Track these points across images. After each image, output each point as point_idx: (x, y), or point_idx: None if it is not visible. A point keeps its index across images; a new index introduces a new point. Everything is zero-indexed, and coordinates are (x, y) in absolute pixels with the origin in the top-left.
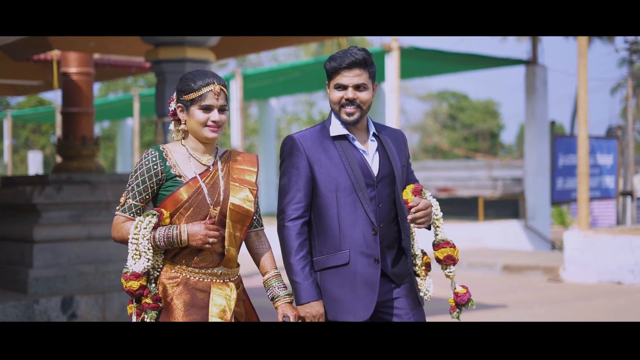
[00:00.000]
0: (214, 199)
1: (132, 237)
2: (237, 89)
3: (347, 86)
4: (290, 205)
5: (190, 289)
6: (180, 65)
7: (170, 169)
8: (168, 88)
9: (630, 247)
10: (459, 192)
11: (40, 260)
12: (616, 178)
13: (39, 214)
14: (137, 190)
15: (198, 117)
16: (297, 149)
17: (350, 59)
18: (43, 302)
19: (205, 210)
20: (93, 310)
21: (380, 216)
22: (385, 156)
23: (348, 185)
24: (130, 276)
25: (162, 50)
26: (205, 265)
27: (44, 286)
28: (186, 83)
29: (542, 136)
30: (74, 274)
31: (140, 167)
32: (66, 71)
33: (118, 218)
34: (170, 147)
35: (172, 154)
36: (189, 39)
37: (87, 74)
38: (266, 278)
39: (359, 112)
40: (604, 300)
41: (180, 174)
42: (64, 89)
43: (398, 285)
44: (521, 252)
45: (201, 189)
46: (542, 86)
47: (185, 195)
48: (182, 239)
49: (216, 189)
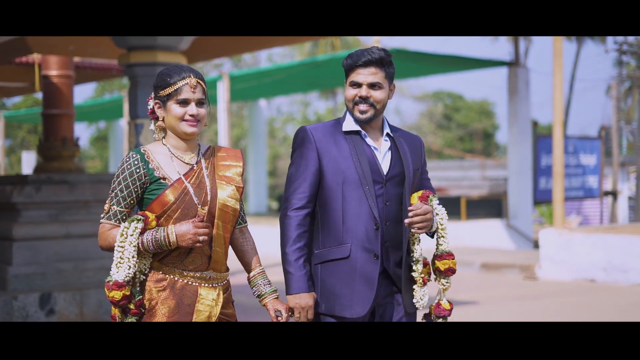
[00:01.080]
0: (201, 199)
1: (118, 244)
2: (224, 90)
3: (362, 84)
4: (295, 194)
5: (177, 294)
6: (151, 68)
7: (154, 171)
8: (140, 91)
9: (603, 246)
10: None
11: (20, 258)
12: (599, 178)
13: (19, 213)
14: (121, 196)
15: (175, 111)
16: (308, 139)
17: (366, 57)
18: (21, 299)
19: (194, 211)
20: (70, 307)
21: (386, 214)
22: (397, 156)
23: (355, 179)
24: (112, 286)
25: (134, 54)
26: (194, 268)
27: (23, 283)
28: (162, 78)
29: (525, 137)
30: (53, 271)
31: (122, 172)
32: (47, 74)
33: (104, 226)
34: (151, 148)
35: (154, 155)
36: (160, 43)
37: (67, 76)
38: (251, 275)
39: (373, 110)
40: (575, 298)
41: (164, 175)
42: (45, 91)
43: (399, 290)
44: (501, 251)
45: (187, 189)
46: (525, 87)
47: (171, 198)
48: (171, 241)
49: (202, 188)
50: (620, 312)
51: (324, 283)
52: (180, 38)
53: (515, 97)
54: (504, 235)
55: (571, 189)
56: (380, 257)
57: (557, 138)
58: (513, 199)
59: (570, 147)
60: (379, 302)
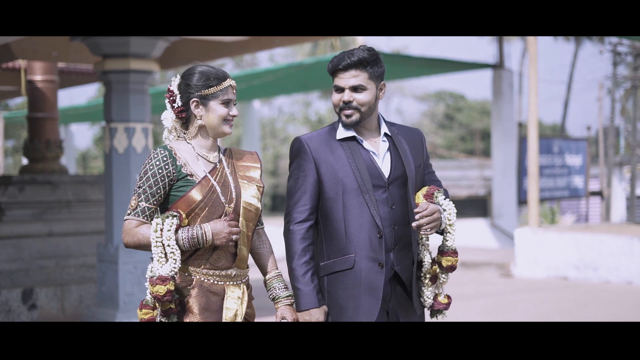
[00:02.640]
0: (227, 197)
1: (154, 240)
2: None
3: (344, 88)
4: (296, 208)
5: (204, 292)
6: (124, 75)
7: (181, 168)
8: (114, 96)
9: (576, 244)
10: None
11: (4, 255)
12: (585, 178)
13: (3, 212)
14: (150, 192)
15: (220, 111)
16: (303, 150)
17: (345, 60)
18: (4, 294)
19: (220, 209)
20: (52, 302)
21: (394, 218)
22: (397, 157)
23: (354, 187)
24: (156, 280)
25: (108, 62)
26: (220, 266)
27: (7, 279)
28: (205, 77)
29: (509, 137)
30: (35, 267)
31: (151, 168)
32: (32, 79)
33: (130, 222)
34: (176, 145)
35: (180, 152)
36: (133, 50)
37: (51, 81)
38: (267, 278)
39: (358, 114)
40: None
41: (191, 172)
42: (30, 95)
43: (410, 293)
44: (482, 249)
45: (214, 187)
46: (509, 89)
47: (199, 196)
48: (208, 239)
49: (227, 186)
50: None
51: (330, 295)
52: (152, 45)
53: (500, 98)
54: (488, 234)
55: (556, 189)
56: (391, 262)
57: (532, 140)
58: (497, 199)
59: (555, 148)
60: (391, 308)
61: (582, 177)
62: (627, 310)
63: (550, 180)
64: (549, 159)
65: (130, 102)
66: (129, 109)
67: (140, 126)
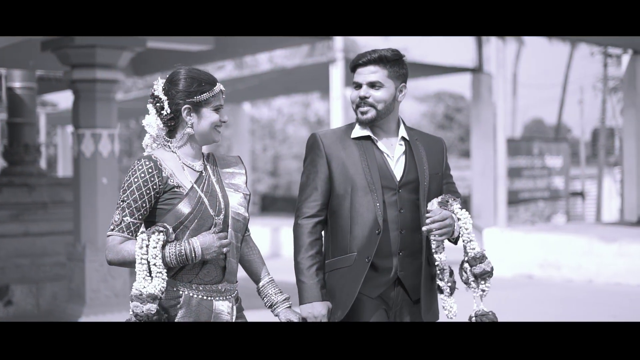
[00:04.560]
0: (216, 208)
1: (140, 257)
2: None
3: (361, 84)
4: (306, 203)
5: (193, 311)
6: (91, 84)
7: (168, 179)
8: (82, 104)
9: (541, 244)
10: None
11: None
12: (566, 179)
13: None
14: (135, 207)
15: (212, 118)
16: (317, 146)
17: (366, 56)
18: None
19: (209, 221)
20: (27, 298)
21: (402, 222)
22: (412, 161)
23: (363, 185)
24: (147, 298)
25: (76, 71)
26: (209, 281)
27: None
28: (196, 81)
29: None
30: (11, 266)
31: (135, 180)
32: (11, 86)
33: (114, 238)
34: (159, 155)
35: (166, 162)
36: (99, 61)
37: (29, 88)
38: (261, 285)
39: (373, 111)
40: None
41: (178, 184)
42: (9, 101)
43: (413, 303)
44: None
45: (202, 199)
46: (487, 92)
47: (188, 208)
48: (197, 254)
49: (215, 196)
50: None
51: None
52: (118, 56)
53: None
54: None
55: (536, 190)
56: (395, 267)
57: (500, 143)
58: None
59: (535, 150)
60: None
61: (562, 178)
62: (587, 308)
63: (530, 181)
64: (528, 161)
65: (97, 109)
66: (96, 115)
67: (106, 132)
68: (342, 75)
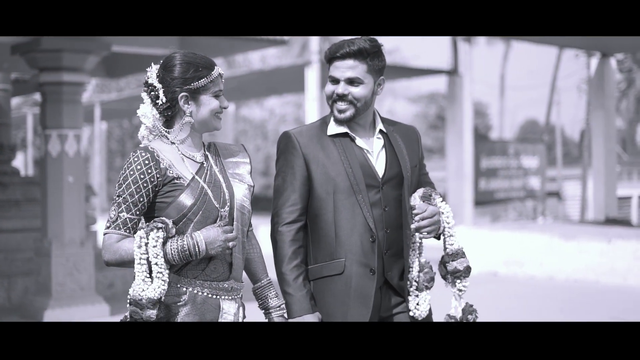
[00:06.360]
0: (220, 199)
1: (138, 257)
2: None
3: (339, 80)
4: (285, 208)
5: (198, 309)
6: (58, 87)
7: (166, 170)
8: (49, 105)
9: (504, 242)
10: None
11: None
12: (542, 179)
13: None
14: (132, 201)
15: (213, 104)
16: (292, 145)
17: (344, 49)
18: None
19: (215, 213)
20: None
21: (386, 221)
22: (393, 155)
23: (346, 186)
24: (147, 304)
25: (43, 74)
26: (216, 278)
27: None
28: (193, 66)
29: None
30: None
31: (131, 174)
32: None
33: (111, 237)
34: (156, 146)
35: (164, 153)
36: (65, 64)
37: (3, 90)
38: (258, 287)
39: (352, 109)
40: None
41: (178, 175)
42: None
43: (403, 300)
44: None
45: (205, 189)
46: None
47: (191, 200)
48: (201, 250)
49: (219, 187)
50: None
51: (317, 302)
52: (84, 60)
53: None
54: None
55: (512, 190)
56: (382, 268)
57: (467, 143)
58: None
59: (511, 150)
60: (383, 316)
61: (538, 179)
62: (548, 304)
63: (506, 181)
64: (504, 161)
65: (64, 111)
66: (62, 117)
67: (72, 132)
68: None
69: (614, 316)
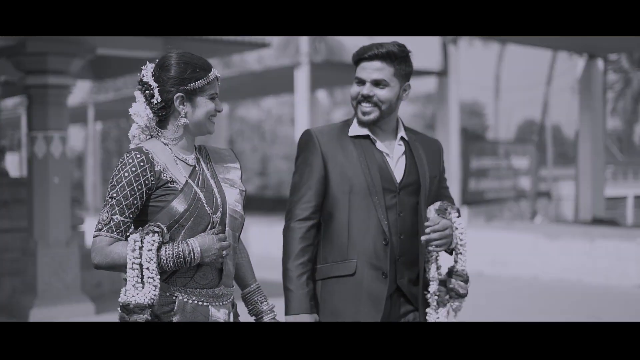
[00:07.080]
0: (213, 204)
1: (132, 261)
2: None
3: (365, 81)
4: (299, 204)
5: (187, 318)
6: (43, 89)
7: (161, 174)
8: (35, 108)
9: (490, 242)
10: None
11: None
12: (533, 180)
13: None
14: (125, 204)
15: (209, 107)
16: (312, 143)
17: (373, 50)
18: None
19: (206, 219)
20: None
21: (401, 227)
22: (412, 163)
23: (363, 187)
24: (134, 309)
25: (29, 77)
26: (205, 285)
27: None
28: (190, 67)
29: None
30: None
31: (125, 175)
32: None
33: (102, 239)
34: (150, 147)
35: (158, 155)
36: (51, 67)
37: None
38: (247, 292)
39: (377, 111)
40: None
41: (172, 178)
42: None
43: (415, 309)
44: None
45: (198, 194)
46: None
47: (184, 205)
48: (195, 257)
49: (210, 192)
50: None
51: (324, 303)
52: (69, 63)
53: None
54: None
55: (502, 190)
56: (394, 274)
57: (453, 144)
58: None
59: (501, 151)
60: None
61: (528, 179)
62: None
63: (495, 181)
64: (494, 161)
65: (49, 113)
66: (48, 119)
67: (57, 134)
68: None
69: (594, 316)
